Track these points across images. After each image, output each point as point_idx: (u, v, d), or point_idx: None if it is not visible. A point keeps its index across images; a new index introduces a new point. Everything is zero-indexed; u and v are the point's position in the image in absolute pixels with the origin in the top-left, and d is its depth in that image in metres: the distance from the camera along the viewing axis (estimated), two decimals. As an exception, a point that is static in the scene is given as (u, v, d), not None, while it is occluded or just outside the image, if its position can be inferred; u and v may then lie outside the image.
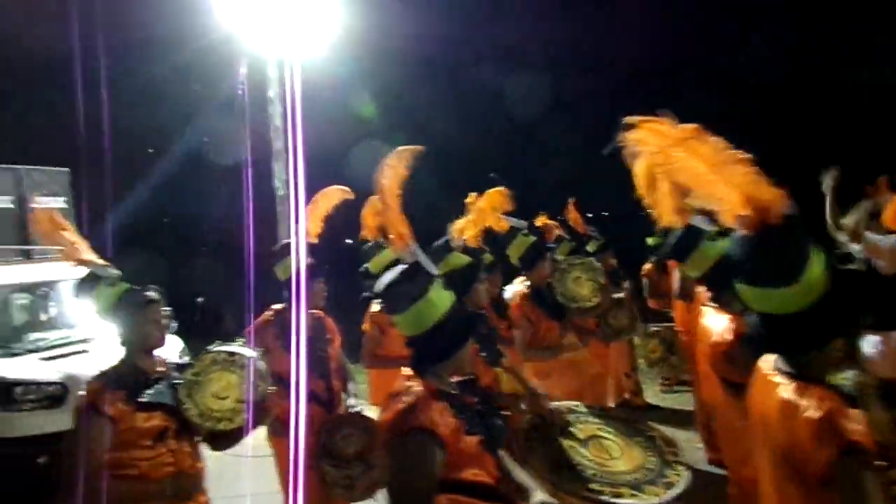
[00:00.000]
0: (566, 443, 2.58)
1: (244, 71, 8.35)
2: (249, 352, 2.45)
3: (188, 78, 11.70)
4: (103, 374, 2.39)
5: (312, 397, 3.33)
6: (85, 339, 6.13)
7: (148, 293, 2.43)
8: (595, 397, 3.86)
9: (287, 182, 8.80)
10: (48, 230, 2.57)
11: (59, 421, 5.33)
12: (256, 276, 3.93)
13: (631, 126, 1.67)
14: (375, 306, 4.24)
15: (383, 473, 3.25)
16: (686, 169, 1.61)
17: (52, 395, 5.39)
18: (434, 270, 1.94)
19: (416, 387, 1.86)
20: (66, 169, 7.62)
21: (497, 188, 3.21)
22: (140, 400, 2.32)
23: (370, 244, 4.70)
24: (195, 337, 5.93)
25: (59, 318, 6.56)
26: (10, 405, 5.31)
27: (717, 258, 2.53)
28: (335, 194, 3.90)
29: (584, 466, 2.48)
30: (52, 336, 6.15)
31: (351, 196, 3.97)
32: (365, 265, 4.60)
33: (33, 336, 6.10)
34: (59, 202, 7.53)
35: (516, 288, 4.16)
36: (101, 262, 2.52)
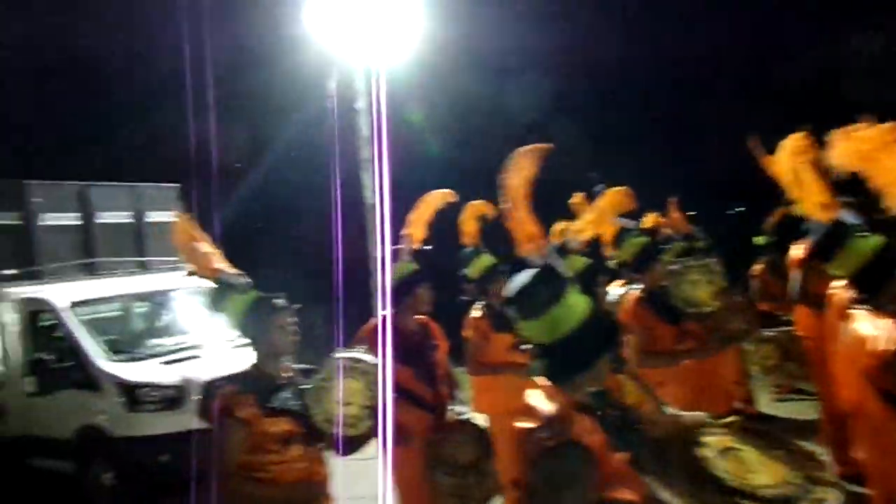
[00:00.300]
0: (701, 455, 2.39)
1: (333, 84, 8.56)
2: (372, 358, 2.43)
3: (281, 92, 12.13)
4: (236, 379, 2.43)
5: (420, 404, 3.28)
6: (196, 345, 6.42)
7: (276, 301, 2.46)
8: (709, 407, 3.61)
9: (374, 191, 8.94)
10: (186, 241, 2.66)
11: (177, 422, 5.59)
12: (346, 283, 3.95)
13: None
14: (476, 311, 4.16)
15: (497, 483, 3.17)
16: (889, 170, 1.45)
17: (171, 398, 5.66)
18: (568, 273, 1.84)
19: (556, 398, 1.76)
20: (177, 184, 8.04)
21: (619, 187, 3.06)
22: (269, 405, 2.34)
23: (469, 249, 4.63)
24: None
25: (174, 325, 6.91)
26: (134, 406, 5.62)
27: (869, 256, 2.27)
28: (438, 198, 3.85)
29: (724, 480, 2.28)
30: (168, 342, 6.48)
31: (454, 199, 3.91)
32: (464, 271, 4.54)
33: (152, 342, 6.45)
34: (170, 216, 7.97)
35: (618, 291, 3.97)
36: (232, 271, 2.58)
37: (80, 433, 5.77)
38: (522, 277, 1.84)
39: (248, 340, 2.50)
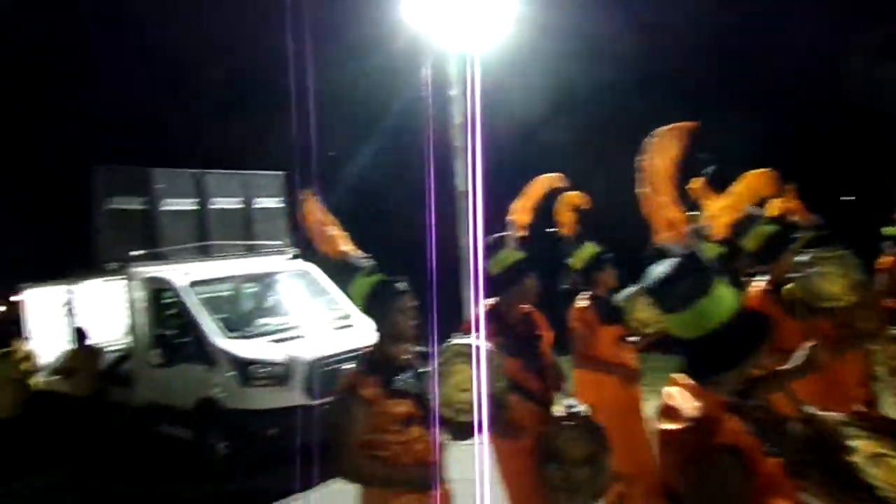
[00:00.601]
0: (850, 460, 2.16)
1: (428, 71, 8.53)
2: (488, 346, 2.37)
3: (377, 81, 12.28)
4: (360, 360, 2.44)
5: (527, 396, 3.18)
6: (300, 325, 6.64)
7: (398, 284, 2.44)
8: (835, 408, 3.30)
9: (466, 179, 8.87)
10: (314, 222, 2.67)
11: (285, 398, 5.81)
12: (438, 271, 3.90)
13: None
14: (582, 302, 4.01)
15: (610, 479, 3.03)
16: None
17: (279, 375, 5.89)
18: (715, 263, 1.68)
19: (701, 397, 1.61)
20: (283, 172, 8.32)
21: (762, 170, 2.82)
22: (391, 386, 2.33)
23: (569, 238, 4.47)
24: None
25: (279, 305, 7.18)
26: (246, 381, 5.89)
27: None
28: (545, 183, 3.70)
29: (878, 489, 2.04)
30: (275, 321, 6.74)
31: (562, 184, 3.75)
32: (566, 260, 4.39)
33: (261, 321, 6.72)
34: (276, 202, 8.28)
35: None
36: (358, 253, 2.58)
37: (198, 404, 6.11)
38: (664, 267, 1.70)
39: (367, 321, 2.50)
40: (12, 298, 10.43)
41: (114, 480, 6.24)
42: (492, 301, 3.34)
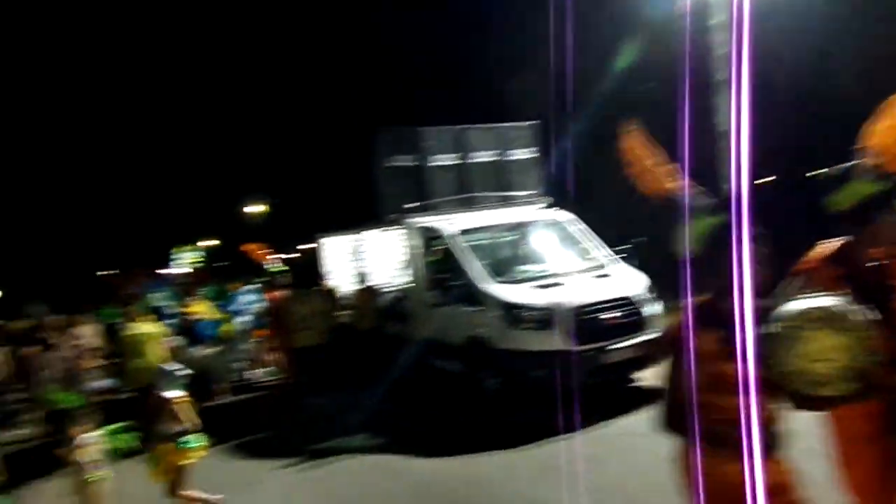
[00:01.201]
0: None
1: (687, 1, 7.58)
2: (860, 311, 1.93)
3: (634, 12, 11.28)
4: (693, 311, 2.18)
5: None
6: (559, 272, 6.56)
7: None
8: None
9: (729, 116, 7.81)
10: (637, 157, 2.41)
11: (548, 342, 5.83)
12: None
13: None
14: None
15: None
16: None
17: (543, 319, 5.92)
18: None
19: None
20: (535, 122, 8.20)
21: None
22: (725, 343, 2.05)
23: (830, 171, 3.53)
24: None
25: (535, 254, 7.20)
26: (512, 324, 6.04)
27: None
28: None
29: None
30: (534, 268, 6.78)
31: None
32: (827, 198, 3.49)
33: (522, 268, 6.82)
34: (528, 153, 8.24)
35: None
36: (694, 190, 2.27)
37: (468, 342, 6.47)
38: None
39: (628, 273, 2.21)
40: (309, 246, 12.19)
41: (395, 403, 6.93)
42: (836, 242, 2.77)
